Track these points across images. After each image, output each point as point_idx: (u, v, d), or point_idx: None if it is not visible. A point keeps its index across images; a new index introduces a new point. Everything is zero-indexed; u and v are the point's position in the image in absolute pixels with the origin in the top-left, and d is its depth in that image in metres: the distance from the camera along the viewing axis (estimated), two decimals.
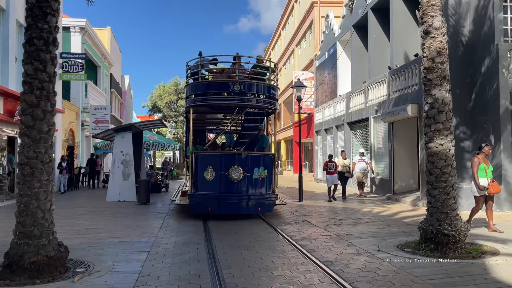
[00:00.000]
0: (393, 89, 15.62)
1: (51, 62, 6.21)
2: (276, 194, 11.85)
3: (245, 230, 9.65)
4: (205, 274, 6.01)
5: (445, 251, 6.99)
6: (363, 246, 7.76)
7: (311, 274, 5.98)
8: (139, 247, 7.81)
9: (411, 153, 15.72)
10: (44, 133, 6.07)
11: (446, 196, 7.19)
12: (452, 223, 7.12)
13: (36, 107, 6.02)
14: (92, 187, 22.89)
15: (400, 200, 14.59)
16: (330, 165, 15.41)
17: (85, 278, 5.78)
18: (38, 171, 5.99)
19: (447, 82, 7.34)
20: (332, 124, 23.35)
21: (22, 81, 6.15)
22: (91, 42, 27.12)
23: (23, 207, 5.94)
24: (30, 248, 5.82)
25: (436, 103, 7.28)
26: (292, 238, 8.59)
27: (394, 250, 7.41)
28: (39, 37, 6.10)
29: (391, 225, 10.13)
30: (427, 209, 7.53)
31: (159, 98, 55.77)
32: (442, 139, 7.24)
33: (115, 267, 6.33)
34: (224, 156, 11.64)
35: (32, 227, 5.90)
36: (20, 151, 6.05)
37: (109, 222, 10.81)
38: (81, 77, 21.87)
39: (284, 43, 42.55)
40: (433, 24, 7.34)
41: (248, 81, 11.47)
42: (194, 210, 11.29)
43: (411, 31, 16.10)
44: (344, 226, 10.06)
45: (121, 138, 16.51)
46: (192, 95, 11.84)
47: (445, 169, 7.23)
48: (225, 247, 7.77)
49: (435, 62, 7.32)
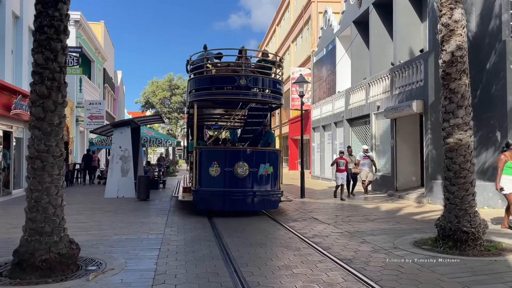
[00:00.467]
0: (396, 85, 15.50)
1: (62, 51, 5.95)
2: (282, 191, 11.66)
3: (253, 227, 9.45)
4: (223, 272, 5.80)
5: (464, 249, 6.86)
6: (378, 243, 7.61)
7: (332, 272, 5.80)
8: (148, 244, 7.59)
9: (413, 149, 15.62)
10: (55, 125, 5.81)
11: (465, 192, 7.05)
12: (471, 220, 6.98)
13: (47, 98, 5.75)
14: (88, 183, 22.53)
15: (403, 197, 14.49)
16: (341, 162, 14.65)
17: (99, 276, 5.54)
18: (49, 165, 5.73)
19: (466, 76, 7.19)
20: (330, 121, 23.21)
21: (31, 71, 5.87)
22: (85, 36, 26.69)
23: (34, 203, 5.67)
24: (41, 246, 5.56)
25: (455, 98, 7.13)
26: (303, 235, 8.41)
27: (411, 247, 7.26)
28: (50, 25, 5.82)
29: (400, 222, 9.99)
30: (444, 206, 7.38)
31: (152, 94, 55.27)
32: (462, 134, 7.10)
33: (128, 265, 6.10)
34: (230, 152, 11.43)
35: (43, 224, 5.64)
36: (30, 144, 5.78)
37: (111, 218, 10.54)
38: (77, 71, 21.49)
39: (279, 40, 42.33)
40: (452, 17, 7.18)
41: (254, 75, 11.25)
42: (198, 207, 11.06)
43: (415, 26, 16.01)
44: (353, 223, 9.91)
45: (120, 133, 16.21)
46: (197, 89, 11.57)
47: (464, 165, 7.09)
48: (237, 244, 7.56)
49: (454, 55, 7.15)
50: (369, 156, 16.00)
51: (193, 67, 11.93)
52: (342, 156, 14.93)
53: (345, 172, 14.61)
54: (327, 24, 25.73)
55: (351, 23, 21.00)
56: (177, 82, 58.67)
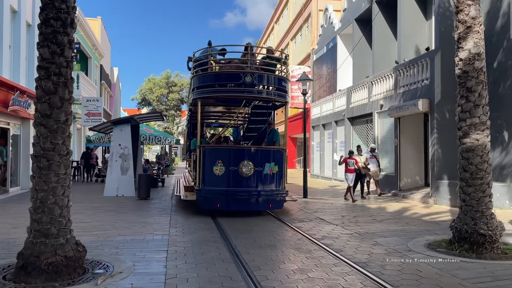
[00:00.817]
0: (401, 84, 15.31)
1: (69, 45, 5.69)
2: (287, 191, 11.45)
3: (259, 228, 9.24)
4: (236, 276, 5.58)
5: (481, 252, 6.69)
6: (391, 245, 7.42)
7: (350, 277, 5.60)
8: (155, 245, 7.35)
9: (417, 149, 15.45)
10: (62, 122, 5.56)
11: (482, 194, 6.87)
12: (488, 222, 6.81)
13: (53, 94, 5.50)
14: (86, 181, 22.23)
15: (407, 197, 14.32)
16: (351, 162, 13.98)
17: (107, 280, 5.31)
18: (56, 164, 5.48)
19: (483, 74, 7.00)
20: (331, 119, 23.01)
21: (37, 65, 5.62)
22: (82, 32, 26.32)
23: (39, 203, 5.42)
24: (47, 248, 5.32)
25: (473, 97, 6.94)
26: (312, 236, 8.21)
27: (425, 249, 7.08)
28: (56, 17, 5.57)
29: (410, 223, 9.81)
30: (459, 207, 7.19)
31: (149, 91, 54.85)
32: (479, 134, 6.91)
33: (137, 268, 5.86)
34: (235, 150, 11.20)
35: (49, 225, 5.40)
36: (35, 142, 5.52)
37: (113, 218, 10.29)
38: (75, 68, 21.15)
39: (277, 37, 42.07)
40: (469, 14, 7.00)
41: (260, 72, 11.00)
42: (202, 207, 10.82)
43: (420, 24, 15.83)
44: (361, 224, 9.72)
45: (120, 130, 15.92)
46: (201, 86, 11.32)
47: (481, 165, 6.90)
48: (246, 246, 7.35)
49: (471, 53, 6.97)
50: (376, 155, 15.48)
51: (196, 64, 11.67)
52: (351, 156, 14.25)
53: (354, 172, 13.99)
54: (327, 21, 25.52)
55: (353, 21, 20.80)
56: (174, 79, 58.29)
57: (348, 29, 21.68)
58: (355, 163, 14.02)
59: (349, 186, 13.96)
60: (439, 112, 13.09)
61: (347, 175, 14.03)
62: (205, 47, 11.43)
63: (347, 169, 13.97)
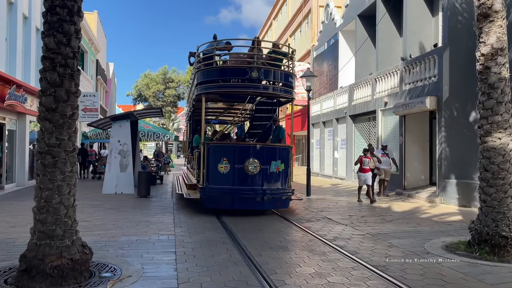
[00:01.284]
0: (407, 81, 15.03)
1: (76, 35, 5.39)
2: (293, 189, 11.16)
3: (267, 228, 8.96)
4: (252, 281, 5.29)
5: (502, 255, 6.44)
6: (407, 247, 7.15)
7: (371, 282, 5.32)
8: (162, 246, 7.04)
9: (422, 147, 15.20)
10: (68, 117, 5.23)
11: (504, 194, 6.62)
12: (510, 224, 6.56)
13: (59, 87, 5.17)
14: (82, 178, 21.85)
15: (413, 196, 14.07)
16: (366, 161, 13.09)
17: (116, 285, 5.00)
18: (61, 161, 5.14)
19: (506, 70, 6.73)
20: (332, 117, 22.73)
21: (41, 56, 5.28)
22: None
23: (44, 203, 5.09)
24: (52, 250, 4.99)
25: (495, 93, 6.67)
26: (323, 237, 7.93)
27: (444, 252, 6.82)
28: (63, 5, 5.24)
29: (421, 223, 9.55)
30: (479, 208, 6.93)
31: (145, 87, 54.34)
32: (501, 132, 6.65)
33: (146, 271, 5.55)
34: (240, 148, 10.88)
35: (54, 226, 5.07)
36: (40, 138, 5.18)
37: (115, 217, 9.96)
38: None
39: (276, 34, 41.71)
40: (492, 7, 6.71)
41: (266, 67, 10.68)
42: (206, 205, 10.51)
43: (426, 21, 15.56)
44: (371, 224, 9.45)
45: (119, 126, 15.61)
46: (205, 81, 10.98)
47: (503, 165, 6.64)
48: (257, 248, 7.05)
49: (494, 48, 6.69)
50: (388, 153, 14.70)
51: (201, 59, 11.33)
52: (366, 154, 13.33)
53: (369, 172, 13.12)
54: (328, 18, 25.21)
55: (355, 17, 20.49)
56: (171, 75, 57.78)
57: (351, 25, 21.37)
58: (369, 162, 13.22)
59: (360, 187, 13.44)
60: (447, 110, 12.84)
61: (360, 174, 13.31)
62: (210, 41, 11.10)
63: (361, 168, 13.22)
